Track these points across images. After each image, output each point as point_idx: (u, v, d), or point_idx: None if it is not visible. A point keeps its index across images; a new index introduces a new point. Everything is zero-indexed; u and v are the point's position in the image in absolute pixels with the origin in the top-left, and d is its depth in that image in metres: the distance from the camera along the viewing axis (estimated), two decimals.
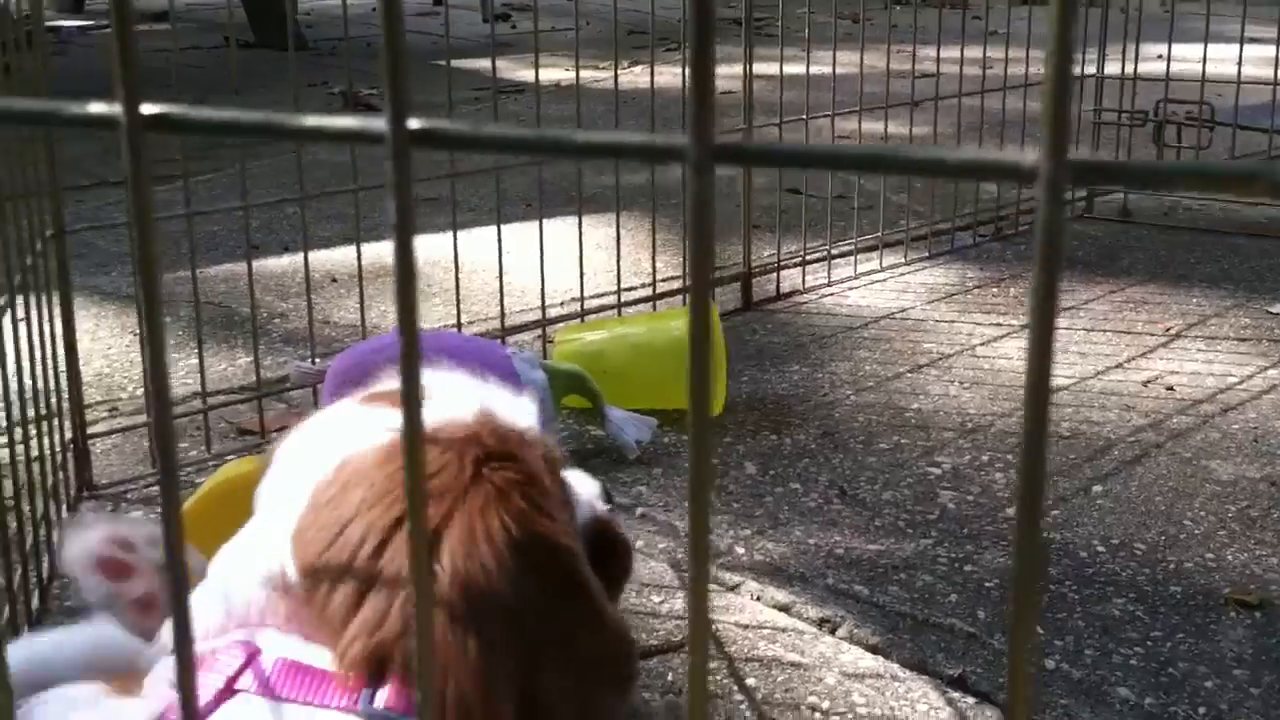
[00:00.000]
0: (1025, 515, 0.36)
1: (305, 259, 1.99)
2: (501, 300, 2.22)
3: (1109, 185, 0.81)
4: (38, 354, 1.61)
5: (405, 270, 0.38)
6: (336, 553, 0.82)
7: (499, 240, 2.19)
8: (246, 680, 0.78)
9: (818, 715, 1.34)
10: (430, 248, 2.66)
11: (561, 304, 2.44)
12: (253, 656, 0.80)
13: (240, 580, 0.85)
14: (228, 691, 0.77)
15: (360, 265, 2.07)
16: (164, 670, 0.83)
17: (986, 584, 1.58)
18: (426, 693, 0.42)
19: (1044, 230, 0.34)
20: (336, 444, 0.90)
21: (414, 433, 0.39)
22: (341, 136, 0.39)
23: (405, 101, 0.37)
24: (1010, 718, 0.38)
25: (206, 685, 0.78)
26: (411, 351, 0.39)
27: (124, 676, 0.84)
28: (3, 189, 1.48)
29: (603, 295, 2.47)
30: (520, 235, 2.65)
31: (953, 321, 2.50)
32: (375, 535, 0.82)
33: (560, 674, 0.84)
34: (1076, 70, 3.25)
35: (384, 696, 0.79)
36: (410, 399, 0.39)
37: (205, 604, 0.85)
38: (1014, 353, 2.33)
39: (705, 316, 0.36)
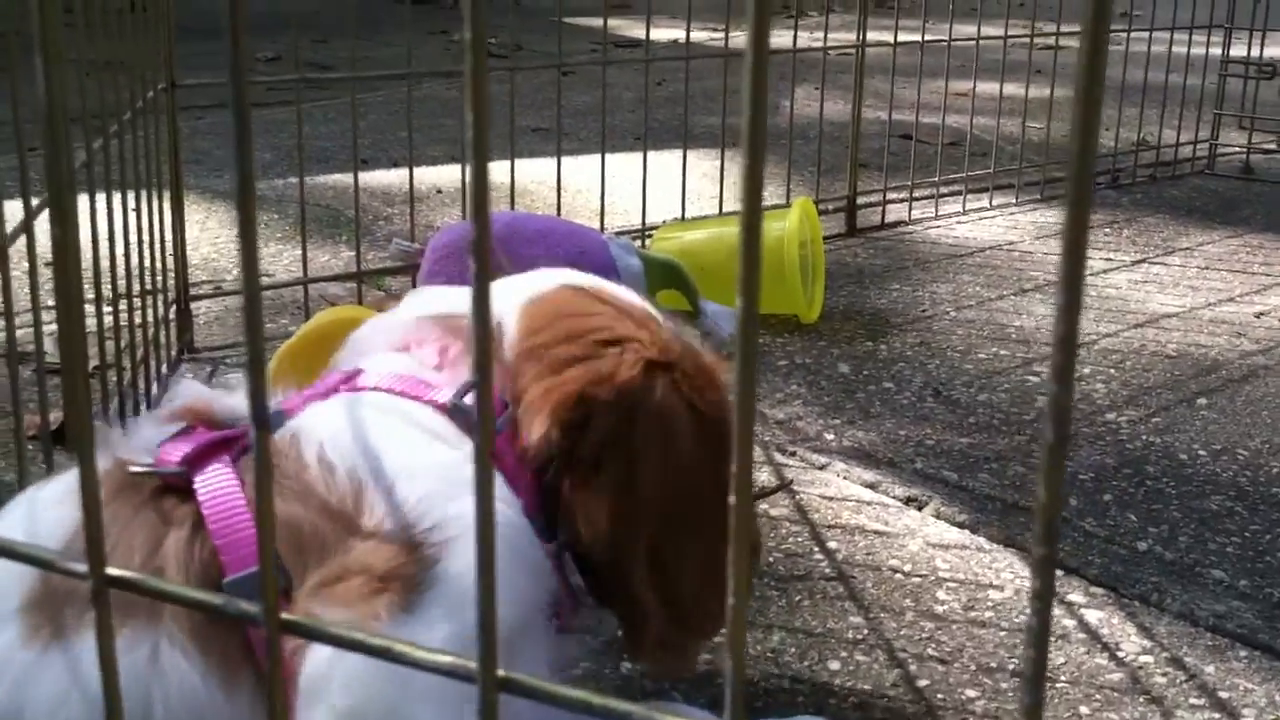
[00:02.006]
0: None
1: (410, 156, 2.01)
2: (602, 207, 2.22)
3: None
4: (145, 220, 1.64)
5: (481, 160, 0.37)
6: (570, 324, 0.87)
7: (603, 156, 2.19)
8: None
9: (899, 576, 1.31)
10: (536, 170, 2.67)
11: (663, 222, 2.43)
12: (355, 373, 0.86)
13: (385, 324, 0.93)
14: (332, 391, 0.84)
15: (464, 176, 2.07)
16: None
17: (1080, 476, 1.54)
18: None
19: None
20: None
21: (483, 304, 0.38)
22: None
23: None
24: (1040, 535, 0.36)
25: (318, 388, 0.86)
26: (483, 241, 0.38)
27: None
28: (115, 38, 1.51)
29: (705, 218, 2.46)
30: (626, 163, 2.66)
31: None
32: (610, 331, 0.87)
33: (694, 540, 0.88)
34: (1200, 49, 3.17)
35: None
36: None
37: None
38: (1124, 284, 2.27)
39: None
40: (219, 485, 0.76)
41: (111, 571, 0.43)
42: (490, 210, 0.36)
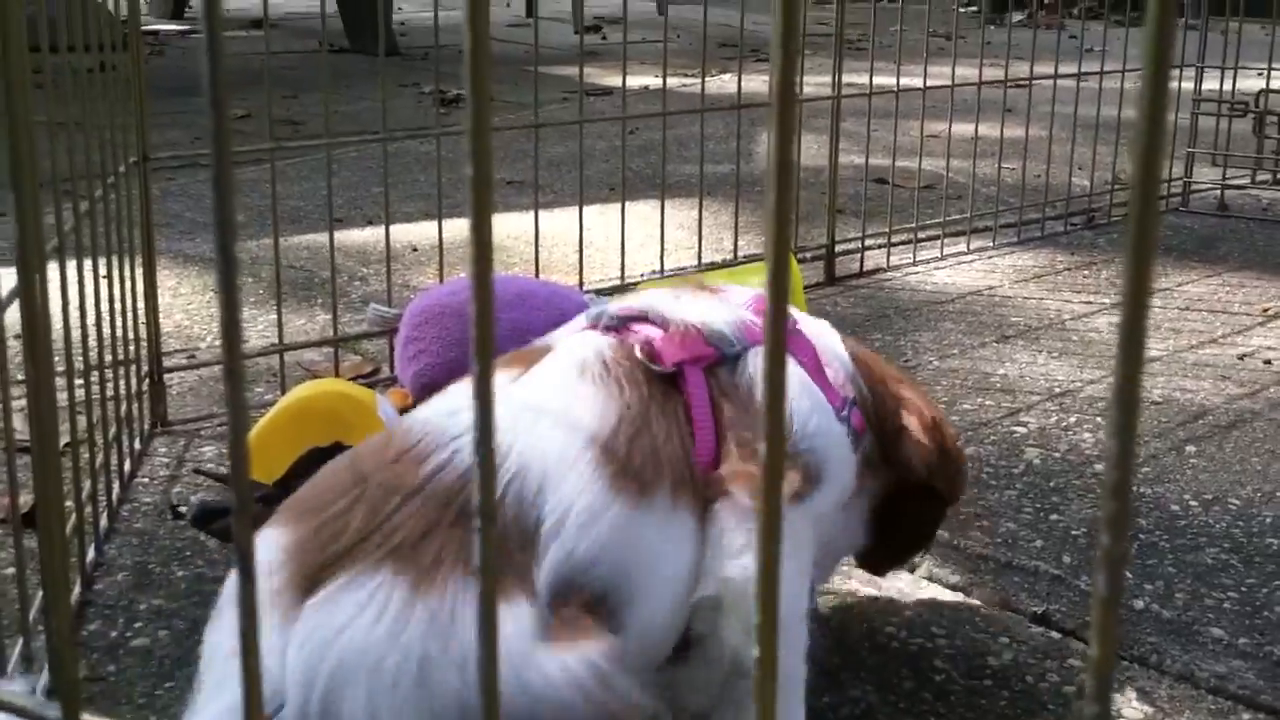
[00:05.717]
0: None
1: (387, 216, 1.99)
2: (581, 264, 2.20)
3: None
4: (116, 290, 1.61)
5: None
6: (873, 372, 1.21)
7: (580, 210, 2.17)
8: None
9: (895, 644, 1.29)
10: (512, 224, 2.66)
11: (641, 275, 2.41)
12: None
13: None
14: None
15: (441, 234, 2.05)
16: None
17: (1073, 532, 1.52)
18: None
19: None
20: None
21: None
22: None
23: None
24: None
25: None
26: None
27: None
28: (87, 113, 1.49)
29: (684, 269, 2.44)
30: (603, 216, 2.64)
31: (1041, 299, 2.44)
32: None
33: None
34: (1172, 85, 3.17)
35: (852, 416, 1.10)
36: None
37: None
38: (1104, 327, 2.27)
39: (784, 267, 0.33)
40: None
41: None
42: (491, 276, 0.35)
